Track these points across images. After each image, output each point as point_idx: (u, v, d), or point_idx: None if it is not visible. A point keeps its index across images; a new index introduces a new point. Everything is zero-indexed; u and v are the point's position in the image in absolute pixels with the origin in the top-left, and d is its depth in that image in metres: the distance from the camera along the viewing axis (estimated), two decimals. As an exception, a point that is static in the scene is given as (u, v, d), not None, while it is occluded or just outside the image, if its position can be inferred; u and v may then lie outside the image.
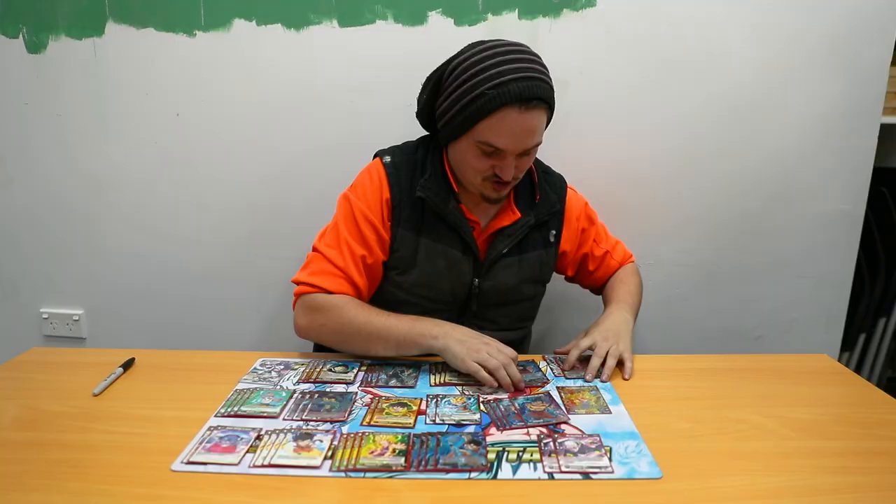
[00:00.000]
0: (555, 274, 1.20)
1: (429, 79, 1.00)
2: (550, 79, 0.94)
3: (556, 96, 0.92)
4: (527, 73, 0.89)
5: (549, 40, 1.28)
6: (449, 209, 1.00)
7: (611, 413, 0.79)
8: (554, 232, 1.09)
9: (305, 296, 0.99)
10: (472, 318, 1.06)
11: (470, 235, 1.02)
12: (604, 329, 0.98)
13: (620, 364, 0.93)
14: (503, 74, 0.88)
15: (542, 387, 0.88)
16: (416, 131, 1.10)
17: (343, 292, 0.99)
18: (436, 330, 0.93)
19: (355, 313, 0.96)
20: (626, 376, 0.91)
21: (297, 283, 1.01)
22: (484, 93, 0.88)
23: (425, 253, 1.01)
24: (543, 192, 1.07)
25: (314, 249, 1.02)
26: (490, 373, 0.86)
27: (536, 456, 0.70)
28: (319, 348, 1.18)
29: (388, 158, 1.03)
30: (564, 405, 0.81)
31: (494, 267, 1.05)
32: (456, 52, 0.99)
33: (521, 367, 0.94)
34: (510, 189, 1.01)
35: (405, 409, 0.81)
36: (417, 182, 1.00)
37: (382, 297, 1.05)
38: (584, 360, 0.95)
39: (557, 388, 0.87)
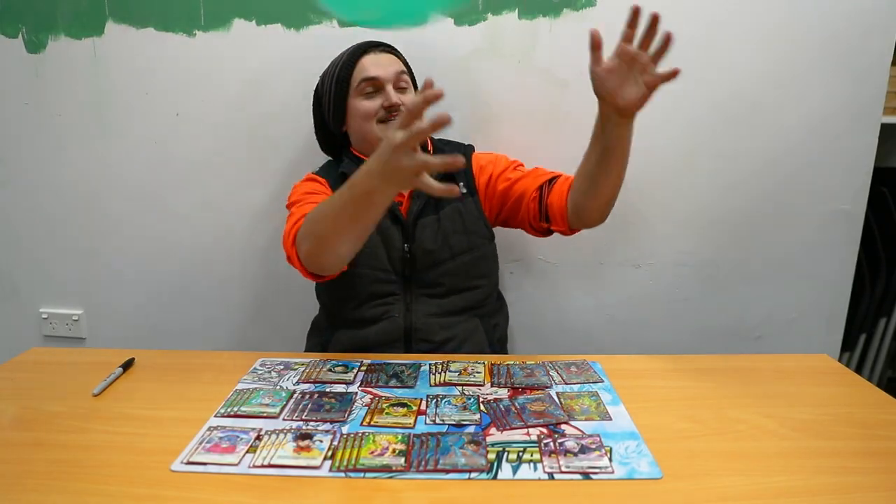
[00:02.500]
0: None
1: (313, 105, 1.21)
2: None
3: (555, 96, 0.92)
4: (368, 41, 1.14)
5: (549, 40, 1.28)
6: None
7: (611, 420, 0.79)
8: (462, 183, 1.14)
9: (297, 235, 0.95)
10: (417, 285, 1.12)
11: (393, 203, 1.03)
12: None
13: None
14: (352, 47, 1.13)
15: (543, 389, 0.88)
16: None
17: None
18: (365, 167, 0.79)
19: (316, 211, 0.91)
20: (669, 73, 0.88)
21: (284, 240, 0.99)
22: (345, 59, 1.12)
23: None
24: (438, 150, 1.18)
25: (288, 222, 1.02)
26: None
27: (536, 456, 0.70)
28: (313, 348, 1.19)
29: (314, 170, 1.20)
30: (564, 412, 0.81)
31: (416, 229, 1.11)
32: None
33: (527, 370, 0.94)
34: None
35: (405, 409, 0.81)
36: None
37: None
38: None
39: (557, 394, 0.86)
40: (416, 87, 1.19)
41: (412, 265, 1.11)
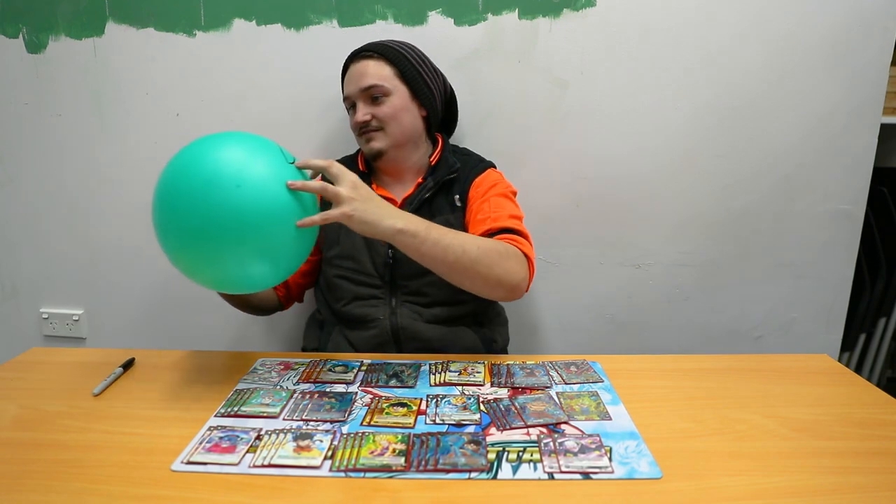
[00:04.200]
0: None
1: None
2: (404, 48, 1.13)
3: (555, 96, 0.91)
4: (366, 45, 1.13)
5: (549, 40, 1.28)
6: None
7: (611, 419, 0.79)
8: (458, 196, 1.13)
9: None
10: (400, 292, 1.11)
11: None
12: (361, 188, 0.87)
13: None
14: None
15: (543, 389, 0.88)
16: (416, 131, 1.11)
17: None
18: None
19: None
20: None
21: None
22: (341, 73, 1.16)
23: (346, 231, 1.10)
24: (444, 159, 1.15)
25: None
26: None
27: (536, 456, 0.70)
28: (311, 342, 1.20)
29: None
30: (564, 412, 0.81)
31: None
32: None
33: (527, 370, 0.94)
34: (382, 143, 1.11)
35: (405, 409, 0.81)
36: None
37: (323, 276, 1.18)
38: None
39: (557, 394, 0.86)
40: (427, 78, 1.13)
41: (396, 270, 1.10)
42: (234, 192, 0.76)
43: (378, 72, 1.10)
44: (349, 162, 1.20)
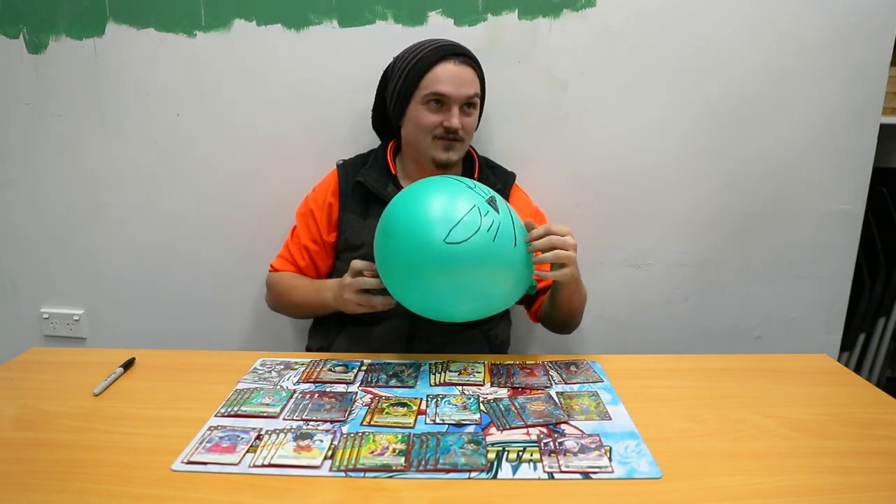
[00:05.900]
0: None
1: (379, 83, 1.20)
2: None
3: (555, 96, 0.91)
4: (455, 43, 1.12)
5: (549, 40, 1.28)
6: (388, 192, 1.11)
7: (611, 419, 0.79)
8: None
9: (267, 275, 1.25)
10: None
11: None
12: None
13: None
14: (437, 43, 1.10)
15: (543, 389, 0.88)
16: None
17: (285, 270, 1.22)
18: (327, 293, 1.08)
19: (287, 283, 1.19)
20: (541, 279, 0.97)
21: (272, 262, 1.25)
22: (423, 55, 1.08)
23: (370, 234, 1.07)
24: (483, 174, 1.19)
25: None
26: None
27: (536, 456, 0.70)
28: (315, 344, 1.20)
29: (341, 161, 1.24)
30: (564, 411, 0.81)
31: None
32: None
33: (527, 370, 0.94)
34: (459, 154, 1.12)
35: (405, 409, 0.81)
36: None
37: (340, 276, 1.17)
38: None
39: (557, 393, 0.87)
40: (483, 99, 1.17)
41: None
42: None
43: (477, 84, 1.12)
44: (376, 159, 1.19)
